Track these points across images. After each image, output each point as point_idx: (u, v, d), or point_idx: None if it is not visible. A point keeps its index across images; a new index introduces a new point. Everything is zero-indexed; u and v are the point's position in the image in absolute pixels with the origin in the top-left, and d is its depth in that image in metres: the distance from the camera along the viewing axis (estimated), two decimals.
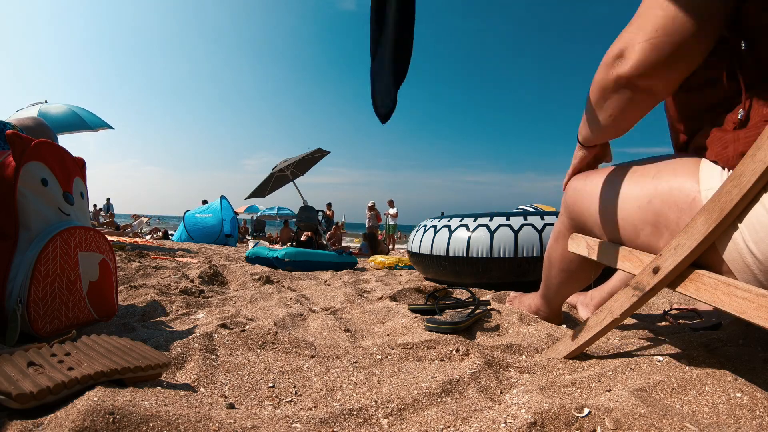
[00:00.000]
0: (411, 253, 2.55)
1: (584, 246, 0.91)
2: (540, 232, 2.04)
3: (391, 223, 11.27)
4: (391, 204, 11.48)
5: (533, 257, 2.01)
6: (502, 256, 2.05)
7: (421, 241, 2.40)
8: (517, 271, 2.05)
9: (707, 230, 0.63)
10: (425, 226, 2.48)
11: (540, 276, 2.02)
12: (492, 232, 2.10)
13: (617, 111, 0.78)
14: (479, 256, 2.09)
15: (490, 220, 2.16)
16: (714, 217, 0.62)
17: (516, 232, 2.06)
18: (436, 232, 2.32)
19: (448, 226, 2.27)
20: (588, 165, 1.01)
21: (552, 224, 2.05)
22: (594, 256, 0.88)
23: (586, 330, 0.83)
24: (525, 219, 2.10)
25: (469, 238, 2.13)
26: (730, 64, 0.68)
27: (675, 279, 0.69)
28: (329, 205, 11.29)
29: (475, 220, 2.20)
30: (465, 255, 2.13)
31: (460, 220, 2.26)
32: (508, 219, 2.13)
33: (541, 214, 2.16)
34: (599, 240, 0.88)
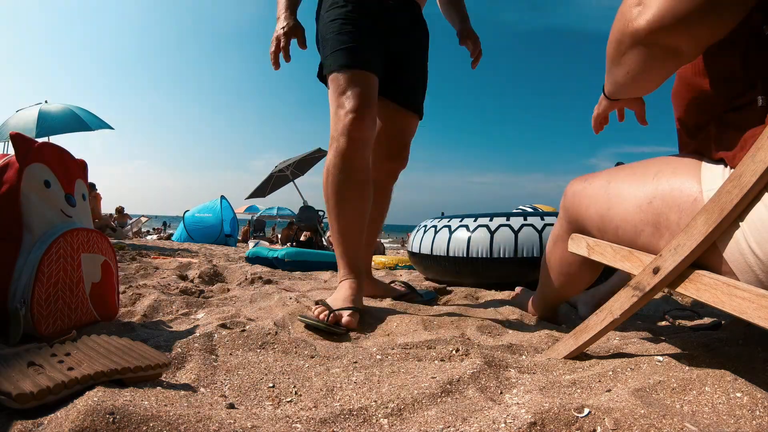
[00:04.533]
0: (411, 253, 2.55)
1: (584, 246, 0.92)
2: (540, 232, 2.04)
3: None
4: None
5: (533, 257, 2.01)
6: (502, 256, 2.05)
7: (421, 241, 2.41)
8: (517, 272, 2.05)
9: (707, 230, 0.63)
10: (425, 226, 2.49)
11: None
12: (492, 233, 2.10)
13: (635, 69, 0.69)
14: (479, 256, 2.09)
15: (490, 220, 2.16)
16: (714, 217, 0.62)
17: (516, 233, 2.06)
18: (436, 232, 2.32)
19: (449, 227, 2.28)
20: (606, 113, 0.96)
21: (552, 224, 2.05)
22: (594, 256, 0.88)
23: (586, 330, 0.83)
24: (525, 219, 2.10)
25: (469, 239, 2.14)
26: (746, 51, 0.64)
27: (675, 279, 0.69)
28: None
29: (475, 221, 2.21)
30: (465, 255, 2.13)
31: (461, 221, 2.26)
32: (508, 219, 2.13)
33: (541, 215, 2.16)
34: (599, 240, 0.88)
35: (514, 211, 3.01)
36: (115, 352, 0.70)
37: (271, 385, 0.74)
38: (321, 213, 5.13)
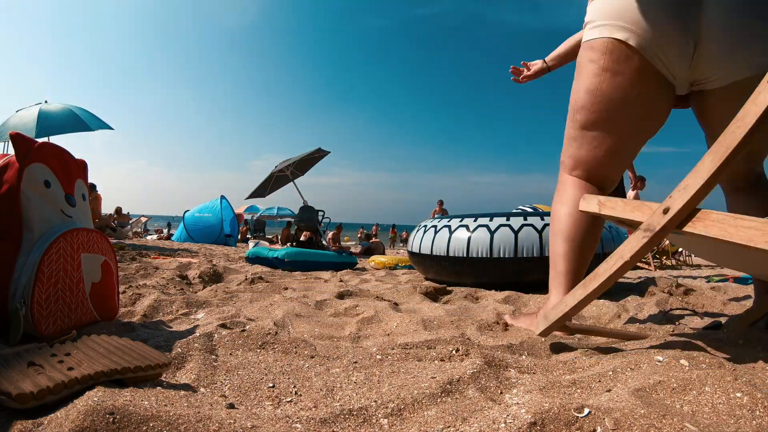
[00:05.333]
0: (411, 253, 2.56)
1: (595, 203, 0.89)
2: (540, 232, 2.04)
3: None
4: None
5: (533, 257, 2.01)
6: (502, 256, 2.05)
7: (421, 241, 2.41)
8: (517, 272, 2.05)
9: (714, 168, 0.67)
10: (425, 226, 2.49)
11: (540, 276, 1.99)
12: (492, 233, 2.10)
13: None
14: (479, 256, 2.09)
15: (490, 220, 2.16)
16: (720, 156, 0.66)
17: (516, 233, 2.06)
18: (436, 232, 2.32)
19: (449, 227, 2.28)
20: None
21: None
22: (605, 211, 0.86)
23: (595, 278, 0.83)
24: (525, 219, 2.10)
25: (469, 239, 2.14)
26: None
27: (684, 218, 0.71)
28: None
29: (475, 221, 2.21)
30: (465, 255, 2.13)
31: (461, 221, 2.26)
32: (508, 219, 2.13)
33: (541, 215, 2.16)
34: (610, 196, 0.88)
35: (514, 211, 3.03)
36: (115, 352, 0.70)
37: (271, 385, 0.74)
38: (321, 213, 5.12)
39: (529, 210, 3.28)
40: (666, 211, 0.72)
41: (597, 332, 1.02)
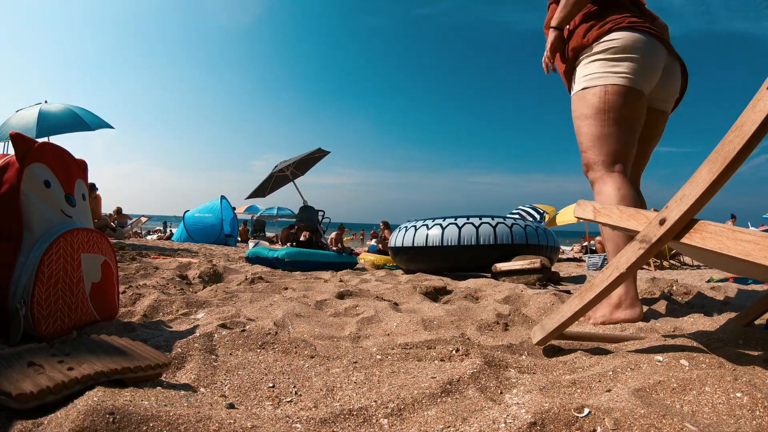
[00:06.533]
0: (392, 249, 3.09)
1: (590, 210, 0.89)
2: (494, 227, 3.07)
3: None
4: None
5: (489, 245, 3.02)
6: (467, 244, 3.04)
7: (404, 237, 3.31)
8: (478, 257, 3.03)
9: (711, 179, 0.65)
10: (406, 226, 3.38)
11: (494, 261, 2.94)
12: (459, 228, 3.09)
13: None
14: (450, 245, 3.08)
15: (455, 219, 3.18)
16: (717, 166, 0.64)
17: (477, 228, 3.08)
18: (416, 230, 3.26)
19: (426, 225, 3.25)
20: (556, 44, 1.53)
21: (501, 222, 3.11)
22: (600, 219, 0.86)
23: (591, 288, 0.82)
24: (481, 219, 3.15)
25: (442, 233, 3.10)
26: None
27: (681, 229, 0.70)
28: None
29: (444, 221, 3.20)
30: (439, 244, 3.12)
31: (433, 221, 3.26)
32: (468, 219, 3.17)
33: (492, 216, 3.13)
34: (605, 203, 0.88)
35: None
36: (115, 352, 0.70)
37: (271, 385, 0.74)
38: (321, 213, 5.11)
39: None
40: (662, 222, 0.70)
41: (594, 338, 1.02)
